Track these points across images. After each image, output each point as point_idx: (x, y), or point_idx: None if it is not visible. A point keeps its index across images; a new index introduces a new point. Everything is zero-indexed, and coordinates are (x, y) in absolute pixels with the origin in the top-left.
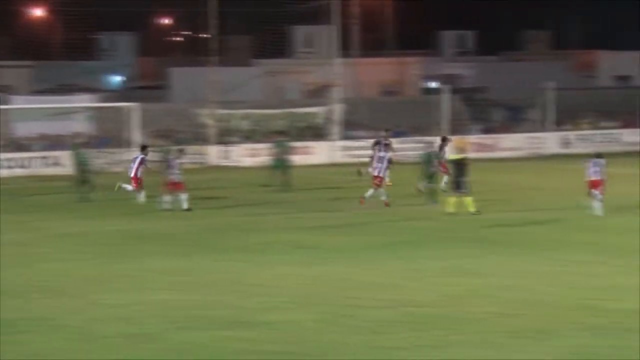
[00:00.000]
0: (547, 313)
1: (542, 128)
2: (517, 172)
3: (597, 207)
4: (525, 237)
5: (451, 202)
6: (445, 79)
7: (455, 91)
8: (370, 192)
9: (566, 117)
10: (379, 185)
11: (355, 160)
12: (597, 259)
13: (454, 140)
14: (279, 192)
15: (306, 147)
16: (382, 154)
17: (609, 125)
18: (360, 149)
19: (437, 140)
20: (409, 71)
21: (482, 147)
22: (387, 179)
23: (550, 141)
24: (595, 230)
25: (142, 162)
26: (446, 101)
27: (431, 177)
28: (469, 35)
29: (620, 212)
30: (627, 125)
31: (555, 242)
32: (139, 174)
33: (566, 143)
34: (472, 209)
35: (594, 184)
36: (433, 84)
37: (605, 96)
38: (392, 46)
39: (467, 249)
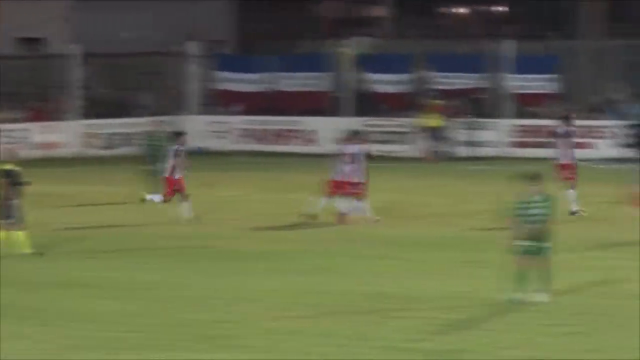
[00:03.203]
0: None
1: None
2: None
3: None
4: None
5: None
6: None
7: None
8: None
9: None
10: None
11: None
12: None
13: None
14: None
15: None
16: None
17: (10, 117)
18: None
19: None
20: None
21: None
22: None
23: None
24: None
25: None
26: None
27: None
28: None
29: (131, 253)
30: (39, 116)
31: None
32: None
33: None
34: (27, 250)
35: None
36: None
37: (13, 70)
38: None
39: None
